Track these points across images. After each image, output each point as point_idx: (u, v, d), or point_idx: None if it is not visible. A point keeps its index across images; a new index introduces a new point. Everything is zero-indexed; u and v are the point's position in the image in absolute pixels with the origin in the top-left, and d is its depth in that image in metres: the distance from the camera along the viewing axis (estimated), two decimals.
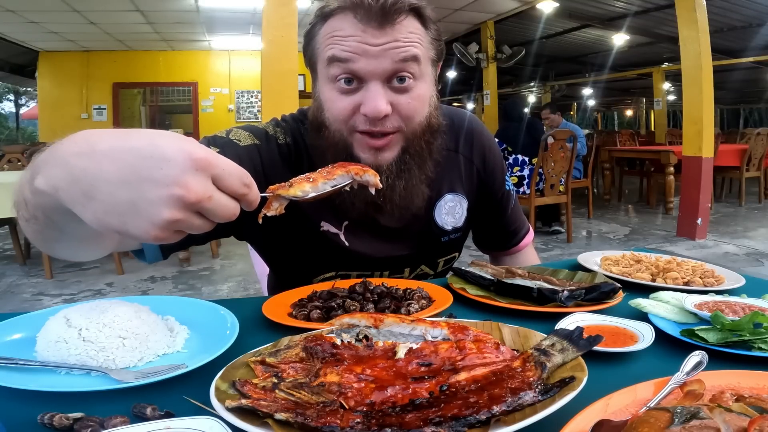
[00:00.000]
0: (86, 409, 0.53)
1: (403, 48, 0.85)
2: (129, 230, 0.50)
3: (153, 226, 0.50)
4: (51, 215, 0.57)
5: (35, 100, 13.76)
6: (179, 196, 0.49)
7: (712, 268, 1.03)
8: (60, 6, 7.10)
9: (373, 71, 0.85)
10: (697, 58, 4.87)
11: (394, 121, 0.88)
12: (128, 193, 0.49)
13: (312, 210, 0.98)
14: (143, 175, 0.49)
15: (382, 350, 0.60)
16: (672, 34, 6.99)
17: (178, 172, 0.49)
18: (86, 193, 0.50)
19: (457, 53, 8.64)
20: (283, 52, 3.81)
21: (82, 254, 0.73)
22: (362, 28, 0.84)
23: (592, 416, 0.46)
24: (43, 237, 0.64)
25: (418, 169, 0.94)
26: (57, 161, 0.51)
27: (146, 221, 0.50)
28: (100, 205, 0.50)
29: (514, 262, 1.26)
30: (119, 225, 0.50)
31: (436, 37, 0.93)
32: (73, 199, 0.51)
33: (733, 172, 6.87)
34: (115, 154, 0.50)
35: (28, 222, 0.61)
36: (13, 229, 4.42)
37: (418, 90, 0.89)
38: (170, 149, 0.50)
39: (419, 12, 0.89)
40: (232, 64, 10.57)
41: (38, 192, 0.53)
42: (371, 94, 0.85)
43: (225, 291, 3.72)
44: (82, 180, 0.50)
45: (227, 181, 0.52)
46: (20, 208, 0.60)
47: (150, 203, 0.49)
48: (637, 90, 18.03)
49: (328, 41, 0.88)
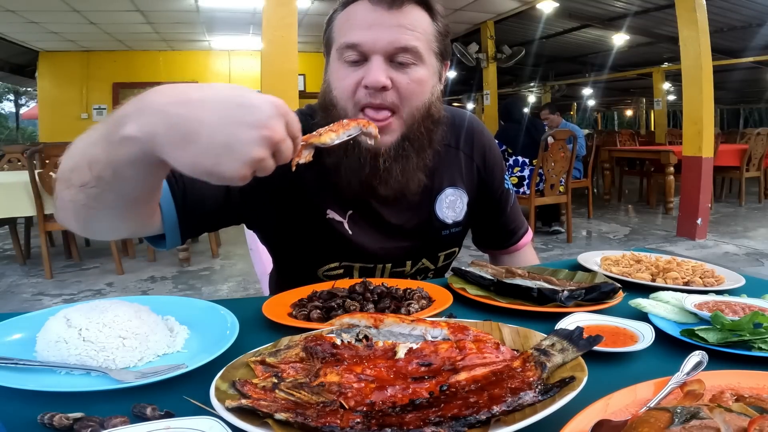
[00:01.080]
0: (86, 409, 0.53)
1: (406, 31, 0.91)
2: (221, 170, 0.57)
3: (243, 165, 0.57)
4: (122, 170, 0.61)
5: (35, 100, 13.77)
6: (267, 137, 0.57)
7: (712, 268, 1.03)
8: (60, 6, 7.10)
9: (375, 45, 0.90)
10: (697, 58, 4.87)
11: (393, 97, 0.92)
12: (224, 135, 0.56)
13: (318, 198, 1.01)
14: (237, 119, 0.56)
15: (382, 350, 0.60)
16: (672, 34, 6.99)
17: (265, 117, 0.57)
18: (185, 137, 0.56)
19: (457, 53, 8.63)
20: (283, 52, 3.81)
21: (116, 228, 0.76)
22: (372, 8, 0.91)
23: (592, 416, 0.46)
24: (92, 205, 0.66)
25: (416, 156, 0.98)
26: (152, 111, 0.57)
27: (238, 160, 0.56)
28: (198, 147, 0.56)
29: (513, 261, 1.26)
30: (212, 166, 0.56)
31: (443, 32, 0.98)
32: (170, 143, 0.56)
33: (733, 172, 6.87)
34: (209, 103, 0.57)
35: (82, 188, 0.63)
36: (13, 229, 4.42)
37: (418, 74, 0.93)
38: (256, 99, 0.58)
39: (428, 5, 0.95)
40: (232, 64, 10.56)
41: (127, 140, 0.57)
42: (373, 67, 0.90)
43: (225, 291, 3.72)
44: (181, 125, 0.56)
45: (293, 127, 0.61)
46: (78, 173, 0.63)
47: (243, 143, 0.56)
48: (637, 90, 18.03)
49: (344, 25, 0.95)
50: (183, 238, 0.92)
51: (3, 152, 5.75)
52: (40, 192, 3.69)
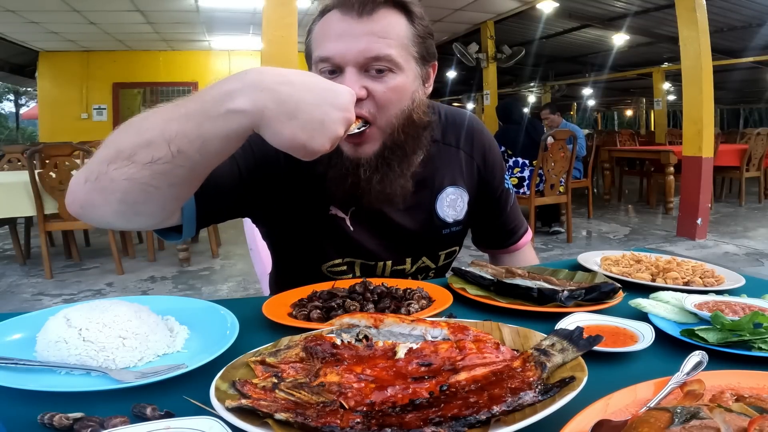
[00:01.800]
0: (86, 409, 0.53)
1: (378, 39, 0.89)
2: (313, 144, 0.67)
3: (329, 139, 0.68)
4: (212, 143, 0.66)
5: (35, 100, 13.77)
6: (348, 118, 0.70)
7: (712, 268, 1.03)
8: (60, 6, 7.10)
9: (345, 57, 0.88)
10: (697, 58, 4.86)
11: (369, 106, 0.91)
12: (320, 114, 0.67)
13: (322, 194, 1.01)
14: (330, 101, 0.68)
15: (382, 350, 0.60)
16: (672, 34, 6.99)
17: (348, 101, 0.70)
18: (290, 112, 0.65)
19: (457, 53, 8.64)
20: (283, 52, 3.80)
21: (162, 213, 0.77)
22: (342, 18, 0.90)
23: (592, 416, 0.46)
24: (153, 183, 0.68)
25: (398, 164, 0.96)
26: (263, 87, 0.65)
27: (326, 136, 0.67)
28: (299, 122, 0.65)
29: (512, 261, 1.27)
30: (307, 139, 0.66)
31: (422, 35, 0.95)
32: (276, 117, 0.65)
33: (733, 172, 6.87)
34: (308, 85, 0.67)
35: (151, 164, 0.66)
36: (13, 229, 4.42)
37: (395, 81, 0.91)
38: (338, 85, 0.71)
39: (405, 7, 0.92)
40: (232, 64, 10.56)
41: (235, 113, 0.64)
42: (346, 78, 0.89)
43: (225, 291, 3.72)
44: (288, 102, 0.65)
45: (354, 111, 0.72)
46: (149, 150, 0.65)
47: (333, 121, 0.68)
48: (637, 90, 18.03)
49: (318, 37, 0.93)
50: (198, 227, 0.92)
51: (3, 152, 5.75)
52: (40, 192, 3.69)
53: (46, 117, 10.02)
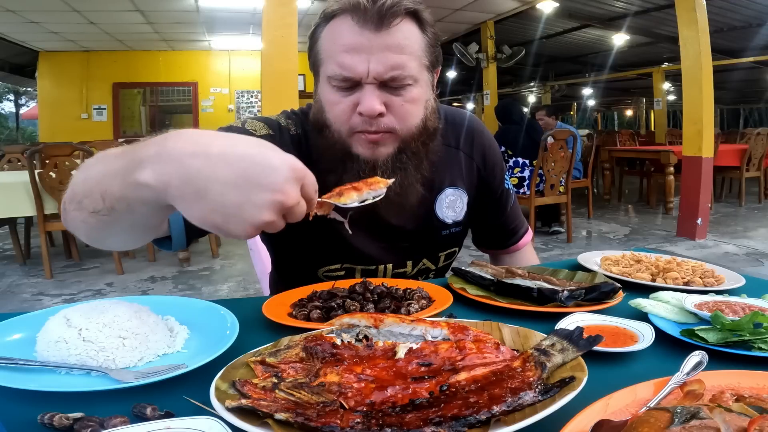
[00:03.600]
0: (86, 409, 0.53)
1: (398, 54, 0.87)
2: (229, 228, 0.56)
3: (251, 227, 0.56)
4: (137, 208, 0.60)
5: (35, 100, 13.77)
6: (280, 202, 0.55)
7: (712, 268, 1.03)
8: (60, 6, 7.10)
9: (365, 73, 0.87)
10: (697, 58, 4.86)
11: (389, 121, 0.91)
12: (237, 195, 0.54)
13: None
14: (253, 180, 0.54)
15: (382, 350, 0.60)
16: (672, 34, 6.99)
17: (281, 180, 0.55)
18: (198, 192, 0.54)
19: (457, 53, 8.63)
20: (283, 52, 3.80)
21: (131, 244, 0.75)
22: (359, 31, 0.87)
23: (592, 416, 0.46)
24: (104, 228, 0.65)
25: (414, 169, 0.97)
26: (171, 159, 0.55)
27: (246, 222, 0.55)
28: (209, 204, 0.55)
29: (513, 261, 1.27)
30: (222, 223, 0.56)
31: (432, 43, 0.94)
32: (182, 197, 0.55)
33: (733, 172, 6.87)
34: (229, 158, 0.55)
35: (95, 213, 0.62)
36: (13, 229, 4.42)
37: (412, 93, 0.91)
38: (275, 159, 0.56)
39: (417, 16, 0.91)
40: (232, 64, 10.57)
41: (140, 186, 0.56)
42: (366, 94, 0.88)
43: (225, 291, 3.72)
44: (196, 180, 0.54)
45: (309, 189, 0.59)
46: (91, 200, 0.62)
47: (254, 206, 0.55)
48: (637, 90, 18.03)
49: (330, 46, 0.91)
50: (188, 241, 0.91)
51: (3, 152, 5.76)
52: (40, 192, 3.69)
53: (46, 117, 10.02)
